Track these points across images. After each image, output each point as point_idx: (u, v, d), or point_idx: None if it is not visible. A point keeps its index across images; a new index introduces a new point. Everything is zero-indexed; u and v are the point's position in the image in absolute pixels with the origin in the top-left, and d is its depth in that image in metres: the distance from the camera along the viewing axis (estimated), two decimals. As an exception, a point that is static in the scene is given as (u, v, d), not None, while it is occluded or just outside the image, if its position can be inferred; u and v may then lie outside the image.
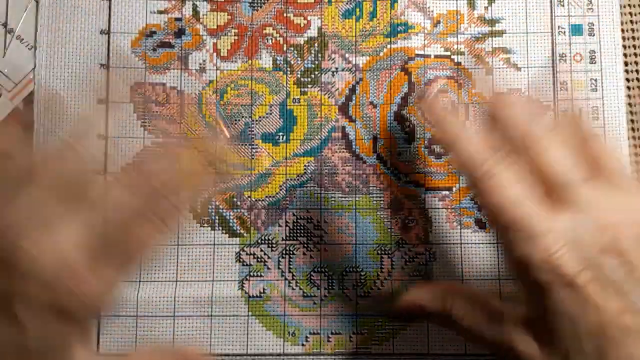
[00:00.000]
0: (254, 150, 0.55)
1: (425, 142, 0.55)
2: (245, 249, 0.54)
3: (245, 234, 0.54)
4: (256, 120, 0.55)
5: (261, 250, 0.54)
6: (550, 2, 0.56)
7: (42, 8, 0.55)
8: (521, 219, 0.37)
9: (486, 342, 0.41)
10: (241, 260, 0.54)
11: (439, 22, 0.55)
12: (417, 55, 0.55)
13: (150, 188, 0.39)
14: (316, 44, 0.56)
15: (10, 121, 0.50)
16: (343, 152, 0.55)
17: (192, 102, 0.55)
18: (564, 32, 0.55)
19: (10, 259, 0.35)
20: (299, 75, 0.55)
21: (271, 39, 0.56)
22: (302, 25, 0.56)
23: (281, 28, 0.56)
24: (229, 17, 0.56)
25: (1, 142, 0.40)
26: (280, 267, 0.54)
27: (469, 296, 0.43)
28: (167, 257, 0.54)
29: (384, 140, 0.55)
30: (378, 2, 0.56)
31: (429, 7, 0.56)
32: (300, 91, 0.55)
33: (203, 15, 0.56)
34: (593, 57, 0.55)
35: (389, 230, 0.54)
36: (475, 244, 0.54)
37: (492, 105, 0.42)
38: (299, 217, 0.54)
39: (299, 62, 0.55)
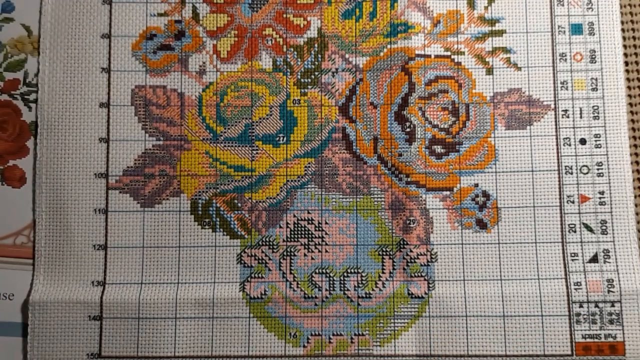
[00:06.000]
0: (254, 152, 0.55)
1: (426, 142, 0.55)
2: (246, 250, 0.54)
3: (246, 236, 0.54)
4: (256, 122, 0.55)
5: (262, 252, 0.54)
6: (550, 1, 0.55)
7: (45, 14, 0.55)
8: None
9: None
10: (242, 261, 0.54)
11: (439, 22, 0.55)
12: (418, 55, 0.55)
13: None
14: (316, 45, 0.56)
15: None
16: (344, 152, 0.55)
17: (192, 104, 0.55)
18: (564, 32, 0.55)
19: None
20: (299, 76, 0.55)
21: (271, 40, 0.56)
22: (301, 26, 0.56)
23: (281, 29, 0.56)
24: (229, 18, 0.56)
25: None
26: (282, 268, 0.54)
27: None
28: (169, 259, 0.54)
29: (385, 141, 0.55)
30: (378, 2, 0.56)
31: (429, 7, 0.56)
32: (301, 92, 0.55)
33: (203, 17, 0.56)
34: (593, 56, 0.55)
35: (390, 231, 0.54)
36: (476, 244, 0.54)
37: None
38: (299, 218, 0.54)
39: (299, 63, 0.56)
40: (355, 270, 0.54)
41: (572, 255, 0.53)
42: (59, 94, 0.55)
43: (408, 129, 0.55)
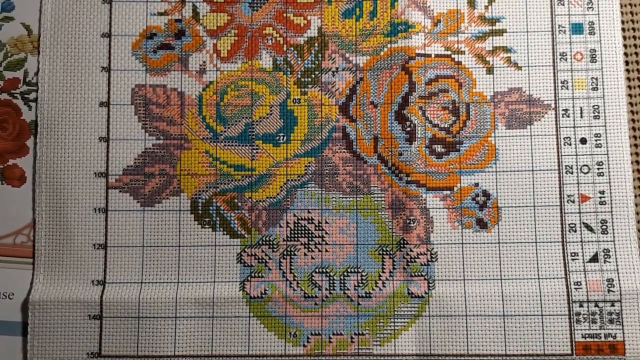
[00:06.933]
0: (254, 151, 0.55)
1: (426, 141, 0.55)
2: (246, 250, 0.54)
3: (246, 235, 0.54)
4: (256, 121, 0.55)
5: (262, 251, 0.54)
6: (551, 0, 0.55)
7: (45, 12, 0.55)
8: None
9: None
10: (242, 261, 0.54)
11: (439, 21, 0.55)
12: (418, 54, 0.55)
13: None
14: (316, 44, 0.56)
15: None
16: (344, 152, 0.55)
17: (192, 103, 0.55)
18: (565, 31, 0.55)
19: None
20: (299, 76, 0.55)
21: (271, 39, 0.56)
22: (302, 25, 0.56)
23: (281, 28, 0.56)
24: (229, 17, 0.56)
25: None
26: (282, 267, 0.54)
27: None
28: (169, 259, 0.54)
29: (385, 140, 0.55)
30: (378, 2, 0.56)
31: (429, 6, 0.56)
32: (301, 91, 0.55)
33: (203, 16, 0.56)
34: (594, 55, 0.55)
35: (391, 231, 0.54)
36: (476, 243, 0.54)
37: None
38: (300, 217, 0.54)
39: (299, 62, 0.55)
40: (356, 270, 0.54)
41: (572, 254, 0.53)
42: (59, 93, 0.55)
43: (408, 129, 0.55)
